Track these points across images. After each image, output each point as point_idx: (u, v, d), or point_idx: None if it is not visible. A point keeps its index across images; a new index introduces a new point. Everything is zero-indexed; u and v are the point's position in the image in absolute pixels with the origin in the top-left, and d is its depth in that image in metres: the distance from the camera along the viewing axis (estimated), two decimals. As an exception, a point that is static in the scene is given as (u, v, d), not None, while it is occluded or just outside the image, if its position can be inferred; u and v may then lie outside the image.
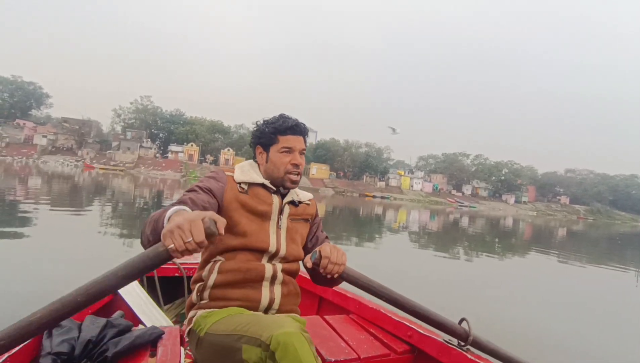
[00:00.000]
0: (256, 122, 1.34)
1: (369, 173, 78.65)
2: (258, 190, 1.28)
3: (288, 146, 1.27)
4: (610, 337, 3.79)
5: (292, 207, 1.33)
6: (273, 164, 1.28)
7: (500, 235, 16.65)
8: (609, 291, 6.28)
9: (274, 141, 1.28)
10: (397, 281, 5.04)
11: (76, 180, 23.79)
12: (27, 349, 1.18)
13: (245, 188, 1.26)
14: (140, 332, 1.33)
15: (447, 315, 1.35)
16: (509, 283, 5.98)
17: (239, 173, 1.29)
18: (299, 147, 1.29)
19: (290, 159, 1.27)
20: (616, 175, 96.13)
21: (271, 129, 1.28)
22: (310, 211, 1.41)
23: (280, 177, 1.27)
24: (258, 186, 1.28)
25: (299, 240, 1.34)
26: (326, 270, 1.14)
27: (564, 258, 9.93)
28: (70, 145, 62.39)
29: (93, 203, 11.82)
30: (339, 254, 1.16)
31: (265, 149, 1.30)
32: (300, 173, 1.29)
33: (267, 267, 1.22)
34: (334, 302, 2.03)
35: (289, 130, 1.27)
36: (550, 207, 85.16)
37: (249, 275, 1.19)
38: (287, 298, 1.25)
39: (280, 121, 1.28)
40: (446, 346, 1.46)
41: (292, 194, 1.34)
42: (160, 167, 61.35)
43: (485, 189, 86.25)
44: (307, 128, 1.32)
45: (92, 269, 3.40)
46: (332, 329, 1.66)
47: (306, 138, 1.33)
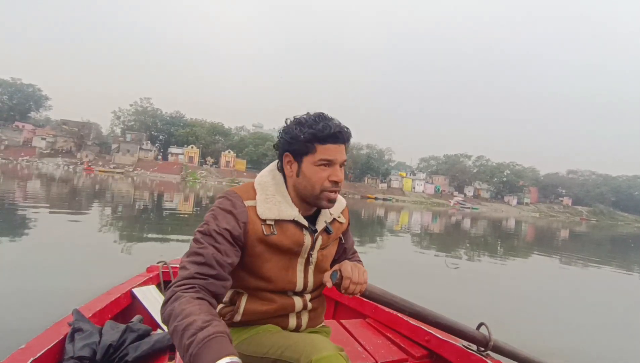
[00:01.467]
0: (285, 120, 1.05)
1: (371, 174, 78.30)
2: (287, 227, 1.03)
3: (328, 158, 1.00)
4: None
5: (324, 236, 1.10)
6: (307, 179, 1.02)
7: (507, 237, 16.34)
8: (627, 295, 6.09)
9: (309, 150, 1.00)
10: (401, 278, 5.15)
11: (71, 183, 23.45)
12: (51, 353, 1.20)
13: (272, 225, 1.01)
14: (159, 336, 1.38)
15: (456, 312, 1.31)
16: (523, 287, 5.74)
17: (263, 204, 1.02)
18: (340, 159, 1.02)
19: (329, 174, 1.01)
20: (618, 176, 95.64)
21: (308, 135, 0.99)
22: (343, 227, 1.19)
23: (315, 195, 1.02)
24: (287, 222, 1.03)
25: (328, 265, 1.16)
26: (347, 290, 1.03)
27: (583, 262, 9.58)
28: (70, 147, 62.21)
29: (89, 208, 11.42)
30: (360, 272, 1.04)
31: (297, 159, 1.02)
32: (339, 190, 1.05)
33: (296, 301, 1.09)
34: (350, 306, 2.02)
35: (331, 138, 0.99)
36: (553, 208, 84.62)
37: (277, 312, 1.07)
38: (315, 318, 1.16)
39: (320, 126, 0.98)
40: (465, 351, 1.44)
41: (325, 215, 1.11)
42: (160, 169, 61.08)
43: (487, 191, 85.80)
44: (350, 134, 1.04)
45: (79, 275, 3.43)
46: (349, 334, 1.66)
47: (348, 146, 1.05)
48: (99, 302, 1.55)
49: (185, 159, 67.30)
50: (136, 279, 1.95)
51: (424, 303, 1.28)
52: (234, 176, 64.56)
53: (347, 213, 1.22)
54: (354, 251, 1.32)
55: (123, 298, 1.71)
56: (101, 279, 2.78)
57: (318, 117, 1.00)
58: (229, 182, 60.12)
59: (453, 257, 8.16)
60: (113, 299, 1.62)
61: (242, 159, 70.58)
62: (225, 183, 59.09)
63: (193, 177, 59.46)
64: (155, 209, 12.52)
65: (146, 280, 1.97)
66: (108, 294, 1.68)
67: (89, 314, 1.41)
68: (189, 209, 13.57)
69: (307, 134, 0.98)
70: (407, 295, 1.25)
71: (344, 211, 1.20)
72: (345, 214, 1.21)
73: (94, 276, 3.58)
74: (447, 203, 71.40)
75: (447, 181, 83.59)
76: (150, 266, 2.15)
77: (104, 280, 2.48)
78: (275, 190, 1.05)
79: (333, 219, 1.14)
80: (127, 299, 1.74)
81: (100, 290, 1.79)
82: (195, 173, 61.52)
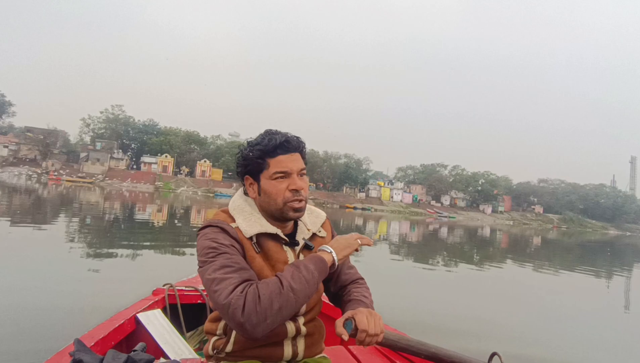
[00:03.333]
0: (239, 147, 1.09)
1: (349, 184, 78.28)
2: (268, 244, 1.04)
3: (281, 169, 1.01)
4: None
5: (306, 254, 1.09)
6: (268, 195, 1.02)
7: (487, 244, 16.35)
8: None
9: (263, 166, 1.02)
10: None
11: (33, 194, 21.86)
12: None
13: (255, 241, 1.03)
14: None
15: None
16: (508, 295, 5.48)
17: (243, 221, 1.03)
18: (296, 167, 1.03)
19: (287, 184, 1.01)
20: (586, 184, 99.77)
21: (257, 152, 1.01)
22: (326, 242, 1.16)
23: (279, 209, 1.02)
24: (268, 239, 1.04)
25: (320, 285, 1.13)
26: (364, 343, 0.97)
27: (569, 271, 9.45)
28: (34, 156, 59.02)
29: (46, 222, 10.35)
30: (376, 322, 0.98)
31: (256, 179, 1.04)
32: (303, 198, 1.04)
33: (288, 326, 1.04)
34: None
35: (279, 149, 1.01)
36: (526, 216, 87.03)
37: (269, 338, 1.01)
38: (312, 345, 1.11)
39: (266, 140, 1.01)
40: None
41: (302, 232, 1.11)
42: (132, 179, 58.78)
43: (463, 200, 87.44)
44: (301, 141, 1.05)
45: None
46: (357, 362, 1.55)
47: (304, 153, 1.07)
48: (102, 329, 1.49)
49: (158, 169, 65.14)
50: (141, 303, 1.85)
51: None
52: (210, 186, 62.95)
53: (328, 226, 1.20)
54: (351, 266, 1.26)
55: (127, 324, 1.62)
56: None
57: (265, 134, 1.04)
58: (204, 192, 58.50)
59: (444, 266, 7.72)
60: (117, 325, 1.54)
61: (219, 168, 69.07)
62: (201, 192, 57.44)
63: (167, 187, 57.50)
64: (119, 221, 11.56)
65: (152, 304, 1.85)
66: (112, 320, 1.60)
67: (92, 342, 1.36)
68: (162, 220, 12.68)
69: (256, 151, 1.01)
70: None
71: (324, 225, 1.18)
72: (326, 228, 1.19)
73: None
74: (425, 212, 72.14)
75: (424, 191, 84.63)
76: (156, 289, 2.03)
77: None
78: (252, 210, 1.06)
79: (313, 234, 1.12)
80: (131, 325, 1.65)
81: (104, 314, 1.75)
82: (169, 183, 59.56)
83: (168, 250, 7.33)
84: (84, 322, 2.18)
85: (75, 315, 3.09)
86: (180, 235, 9.98)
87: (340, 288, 1.20)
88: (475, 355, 1.42)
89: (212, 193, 58.08)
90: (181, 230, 11.16)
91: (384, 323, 1.04)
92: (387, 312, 3.91)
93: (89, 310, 3.16)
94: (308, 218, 1.14)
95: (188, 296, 2.05)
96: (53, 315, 3.07)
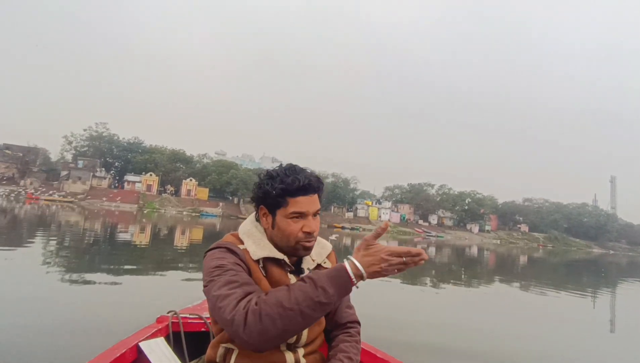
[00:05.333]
0: (259, 175, 1.09)
1: (337, 203, 77.91)
2: (273, 269, 1.05)
3: (299, 211, 1.02)
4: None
5: None
6: (281, 232, 1.04)
7: (480, 265, 16.11)
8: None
9: (281, 204, 1.03)
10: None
11: (8, 214, 20.78)
12: None
13: (261, 267, 1.04)
14: None
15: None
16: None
17: (252, 245, 1.05)
18: (312, 209, 1.04)
19: (302, 225, 1.03)
20: (569, 204, 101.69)
21: (278, 190, 1.02)
22: None
23: (291, 246, 1.05)
24: (274, 264, 1.05)
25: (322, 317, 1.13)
26: None
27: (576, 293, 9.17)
28: (12, 174, 57.12)
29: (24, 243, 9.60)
30: None
31: (271, 212, 1.06)
32: (315, 239, 1.07)
33: (287, 357, 1.03)
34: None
35: (301, 191, 1.02)
36: (512, 235, 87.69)
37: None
38: None
39: (290, 180, 1.01)
40: None
41: (307, 262, 1.12)
42: (115, 198, 57.19)
43: (451, 219, 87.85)
44: (321, 183, 1.07)
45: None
46: None
47: (321, 194, 1.09)
48: (102, 359, 1.44)
49: (143, 188, 63.70)
50: (144, 331, 1.77)
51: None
52: (196, 205, 61.71)
53: (333, 257, 1.20)
54: (350, 305, 1.23)
55: (129, 353, 1.57)
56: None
57: (288, 171, 1.04)
58: (189, 211, 57.21)
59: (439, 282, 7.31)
60: (118, 355, 1.49)
61: (205, 187, 67.98)
62: (186, 212, 56.15)
63: (150, 206, 56.06)
64: (102, 241, 10.84)
65: (155, 332, 1.78)
66: (113, 349, 1.54)
67: None
68: (145, 241, 11.98)
69: (277, 189, 1.01)
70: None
71: (329, 256, 1.18)
72: (331, 260, 1.19)
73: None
74: (414, 231, 72.01)
75: (412, 210, 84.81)
76: (160, 316, 1.95)
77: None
78: (262, 236, 1.08)
79: (317, 264, 1.13)
80: (132, 354, 1.60)
81: (106, 343, 1.70)
82: (152, 203, 58.14)
83: (159, 274, 6.78)
84: (83, 352, 2.11)
85: (74, 344, 2.95)
86: (166, 256, 9.35)
87: (334, 327, 1.18)
88: None
89: (197, 213, 56.86)
90: (173, 251, 10.51)
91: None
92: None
93: (88, 339, 3.04)
94: (314, 248, 1.13)
95: (192, 324, 2.00)
96: (50, 344, 2.93)
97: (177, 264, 8.10)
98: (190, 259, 8.85)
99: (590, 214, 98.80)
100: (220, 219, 50.96)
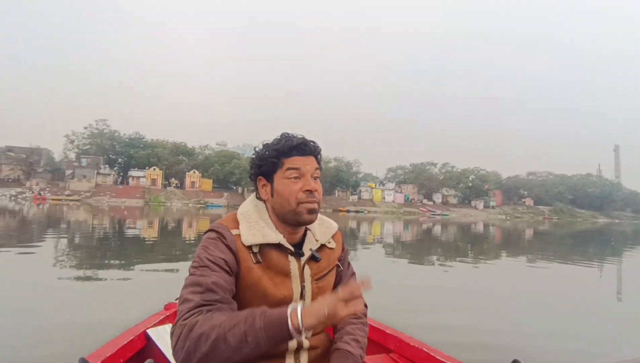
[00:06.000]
0: (254, 148, 1.08)
1: (341, 187, 78.09)
2: (271, 254, 1.00)
3: (295, 167, 1.00)
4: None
5: (313, 265, 1.05)
6: (280, 195, 1.01)
7: (511, 242, 16.19)
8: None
9: (277, 166, 1.01)
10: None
11: (18, 216, 21.10)
12: None
13: (257, 251, 0.99)
14: None
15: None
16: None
17: (246, 229, 1.01)
18: (311, 169, 1.02)
19: (301, 185, 0.99)
20: (573, 175, 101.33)
21: (272, 152, 1.01)
22: (336, 254, 1.13)
23: (293, 210, 1.00)
24: (271, 248, 1.00)
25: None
26: None
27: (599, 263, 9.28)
28: (17, 176, 57.60)
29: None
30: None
31: (269, 180, 1.03)
32: (317, 201, 1.02)
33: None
34: (372, 339, 1.73)
35: (295, 150, 1.01)
36: (517, 210, 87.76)
37: (271, 351, 0.93)
38: (316, 360, 1.06)
39: (283, 141, 1.02)
40: None
41: (310, 242, 1.07)
42: (121, 194, 57.65)
43: (455, 197, 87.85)
44: (317, 146, 1.05)
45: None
46: None
47: (319, 159, 1.06)
48: (110, 347, 1.45)
49: (147, 182, 64.06)
50: (152, 318, 1.80)
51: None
52: (201, 197, 62.12)
53: (339, 237, 1.16)
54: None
55: (137, 340, 1.59)
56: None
57: (281, 136, 1.04)
58: (195, 203, 57.63)
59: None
60: (125, 342, 1.51)
61: (208, 178, 68.27)
62: (192, 204, 56.57)
63: (156, 201, 56.50)
64: (111, 236, 11.06)
65: (163, 318, 1.81)
66: (121, 337, 1.56)
67: (98, 361, 1.33)
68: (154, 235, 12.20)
69: (272, 151, 1.01)
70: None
71: (335, 236, 1.14)
72: (337, 239, 1.15)
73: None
74: (418, 211, 72.24)
75: (415, 190, 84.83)
76: (168, 303, 1.99)
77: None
78: (258, 217, 1.04)
79: (321, 245, 1.09)
80: (141, 341, 1.62)
81: (114, 331, 1.72)
82: (158, 197, 58.55)
83: (173, 265, 6.98)
84: (91, 340, 2.12)
85: (82, 333, 3.00)
86: (182, 249, 9.55)
87: None
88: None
89: (203, 204, 57.28)
90: (183, 244, 10.72)
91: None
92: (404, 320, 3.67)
93: (96, 328, 3.08)
94: (318, 228, 1.10)
95: None
96: (57, 334, 2.98)
97: (186, 254, 8.28)
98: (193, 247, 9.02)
99: (594, 184, 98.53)
100: (226, 209, 51.35)
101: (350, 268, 1.19)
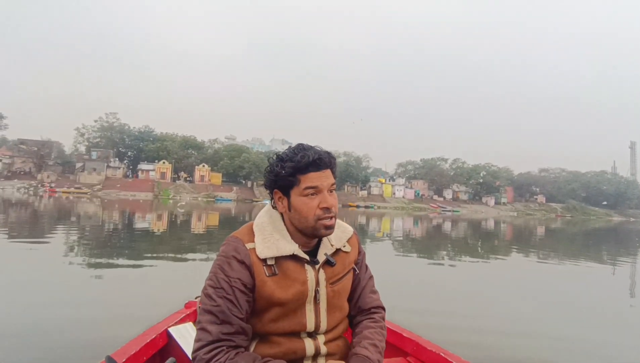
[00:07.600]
0: (268, 159, 1.08)
1: (350, 182, 77.63)
2: (287, 264, 1.03)
3: (312, 185, 1.00)
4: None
5: (328, 270, 1.07)
6: (298, 212, 1.02)
7: (503, 238, 15.77)
8: None
9: (293, 183, 1.01)
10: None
11: (30, 208, 21.16)
12: None
13: (273, 264, 1.02)
14: None
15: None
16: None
17: (261, 244, 1.02)
18: (326, 184, 1.02)
19: (318, 202, 1.00)
20: (587, 172, 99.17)
21: (288, 170, 1.00)
22: (352, 257, 1.14)
23: (311, 226, 1.02)
24: (286, 259, 1.03)
25: (343, 303, 1.13)
26: None
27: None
28: (29, 168, 58.30)
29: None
30: None
31: (285, 194, 1.04)
32: (334, 215, 1.03)
33: (307, 345, 1.04)
34: (389, 342, 1.75)
35: (311, 166, 1.00)
36: (529, 207, 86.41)
37: (287, 356, 1.03)
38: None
39: (299, 156, 0.99)
40: None
41: (325, 247, 1.09)
42: (130, 187, 58.02)
43: (466, 193, 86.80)
44: (332, 158, 1.05)
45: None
46: None
47: (334, 169, 1.06)
48: (133, 345, 1.48)
49: (156, 176, 64.39)
50: (174, 317, 1.84)
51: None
52: (210, 191, 62.24)
53: (355, 241, 1.17)
54: (375, 290, 1.20)
55: (159, 339, 1.63)
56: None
57: (296, 149, 1.02)
58: (204, 197, 57.76)
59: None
60: (148, 340, 1.54)
61: (217, 172, 68.36)
62: (201, 198, 56.69)
63: (166, 194, 56.75)
64: (120, 230, 10.88)
65: (183, 317, 1.85)
66: (143, 335, 1.59)
67: (123, 359, 1.36)
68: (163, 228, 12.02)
69: (287, 168, 1.00)
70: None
71: (350, 240, 1.15)
72: (352, 243, 1.15)
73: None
74: (429, 207, 71.52)
75: (426, 185, 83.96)
76: (188, 301, 2.01)
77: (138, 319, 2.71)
78: (273, 229, 1.05)
79: (337, 249, 1.10)
80: (163, 339, 1.65)
81: (136, 329, 1.76)
82: (167, 190, 58.81)
83: (189, 260, 6.83)
84: (114, 337, 2.21)
85: (106, 330, 2.99)
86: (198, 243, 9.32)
87: (358, 313, 1.16)
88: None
89: (212, 198, 57.38)
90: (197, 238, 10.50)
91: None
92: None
93: (120, 325, 3.11)
94: (334, 233, 1.09)
95: None
96: (82, 331, 2.99)
97: (202, 250, 8.08)
98: (209, 247, 8.78)
99: (609, 181, 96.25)
100: (235, 203, 51.36)
101: (367, 271, 1.20)
